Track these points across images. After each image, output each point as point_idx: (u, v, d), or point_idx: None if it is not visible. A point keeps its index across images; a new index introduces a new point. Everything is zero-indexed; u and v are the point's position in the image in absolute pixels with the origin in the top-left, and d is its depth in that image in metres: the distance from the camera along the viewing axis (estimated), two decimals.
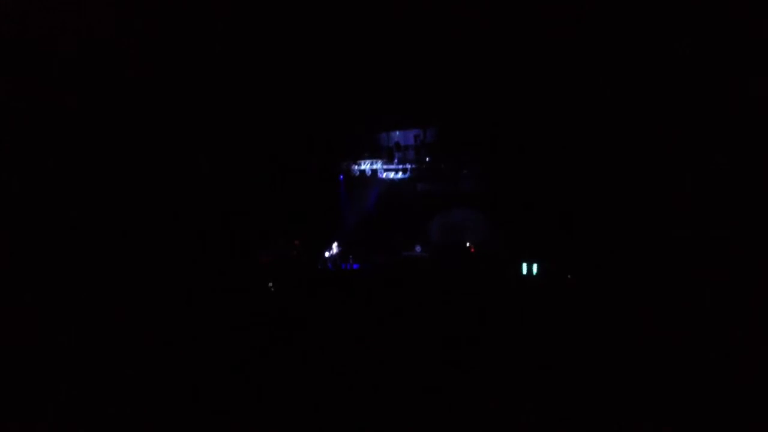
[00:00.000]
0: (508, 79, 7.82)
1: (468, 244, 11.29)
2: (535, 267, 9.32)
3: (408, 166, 11.95)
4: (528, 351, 5.60)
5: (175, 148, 7.56)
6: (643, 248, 6.73)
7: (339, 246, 11.50)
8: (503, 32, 6.71)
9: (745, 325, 5.28)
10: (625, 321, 6.10)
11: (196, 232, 8.11)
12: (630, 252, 7.00)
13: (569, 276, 8.58)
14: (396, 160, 12.03)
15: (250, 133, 8.76)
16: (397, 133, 12.05)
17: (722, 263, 5.74)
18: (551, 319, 6.60)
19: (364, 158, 12.18)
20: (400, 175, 12.06)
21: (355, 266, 11.38)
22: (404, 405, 4.61)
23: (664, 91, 6.20)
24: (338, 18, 6.71)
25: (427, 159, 11.88)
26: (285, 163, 9.86)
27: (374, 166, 12.09)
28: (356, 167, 12.20)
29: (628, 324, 5.98)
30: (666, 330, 5.58)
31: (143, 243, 7.17)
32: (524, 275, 9.31)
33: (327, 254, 11.36)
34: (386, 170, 12.10)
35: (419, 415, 4.47)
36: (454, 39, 6.89)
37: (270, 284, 8.93)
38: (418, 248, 11.66)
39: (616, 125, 6.97)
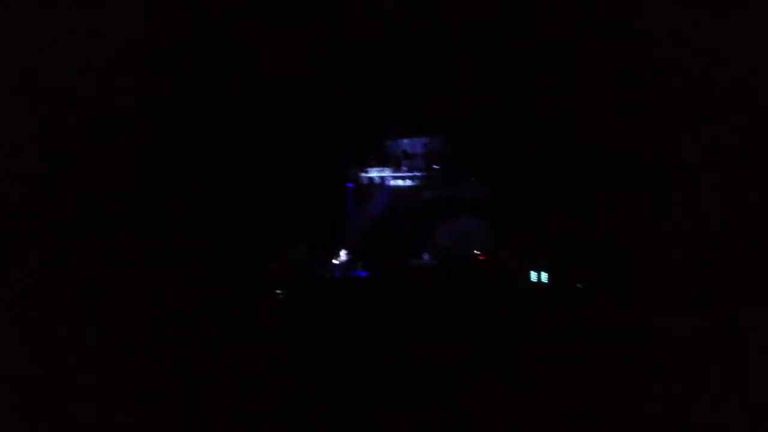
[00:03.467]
0: (518, 87, 7.82)
1: (476, 252, 11.23)
2: (544, 275, 9.26)
3: (416, 174, 11.95)
4: (539, 359, 5.56)
5: (181, 152, 7.57)
6: (655, 257, 6.68)
7: (347, 253, 11.47)
8: (513, 39, 6.73)
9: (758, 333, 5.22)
10: (635, 329, 6.05)
11: (205, 239, 8.11)
12: (641, 260, 6.95)
13: (579, 285, 8.52)
14: (404, 168, 12.04)
15: (259, 140, 8.79)
16: (405, 141, 12.07)
17: (735, 269, 5.69)
18: (561, 328, 6.56)
19: (372, 166, 12.19)
20: (407, 182, 12.06)
21: (363, 274, 11.33)
22: (414, 413, 4.58)
23: (676, 94, 6.18)
24: (347, 23, 6.74)
25: (435, 167, 11.87)
26: (294, 171, 9.87)
27: (382, 174, 12.10)
28: (364, 175, 12.19)
29: (639, 332, 5.93)
30: (678, 338, 5.53)
31: (151, 250, 7.17)
32: (533, 283, 9.26)
33: (335, 261, 11.33)
34: (394, 178, 12.11)
35: (428, 423, 4.44)
36: (464, 46, 6.91)
37: (278, 291, 8.93)
38: (425, 256, 11.59)
39: (627, 132, 6.94)
